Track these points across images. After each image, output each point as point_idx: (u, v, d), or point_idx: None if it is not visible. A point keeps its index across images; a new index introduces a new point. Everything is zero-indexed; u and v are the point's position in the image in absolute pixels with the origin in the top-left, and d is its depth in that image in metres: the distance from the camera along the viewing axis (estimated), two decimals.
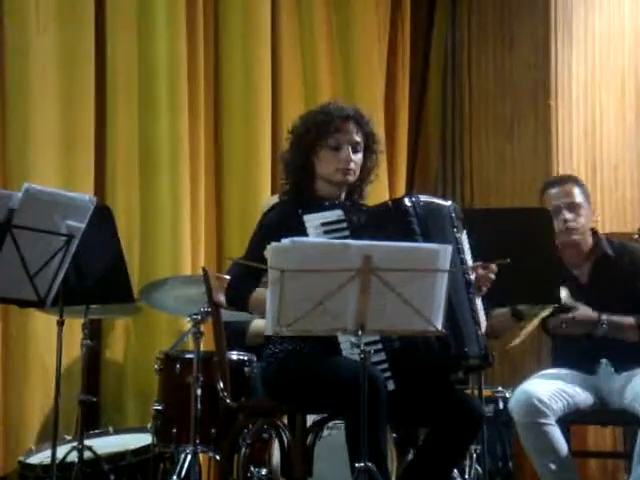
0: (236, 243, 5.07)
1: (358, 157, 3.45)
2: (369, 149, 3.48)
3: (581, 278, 4.20)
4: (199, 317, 4.15)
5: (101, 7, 4.98)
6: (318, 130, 3.42)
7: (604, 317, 4.04)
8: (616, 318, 4.06)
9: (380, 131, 3.64)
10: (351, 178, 3.44)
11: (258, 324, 4.43)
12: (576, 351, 4.14)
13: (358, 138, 3.44)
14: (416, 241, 3.25)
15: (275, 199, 4.37)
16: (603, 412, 4.15)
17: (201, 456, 4.29)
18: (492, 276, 3.37)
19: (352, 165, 3.42)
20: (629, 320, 4.09)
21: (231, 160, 5.36)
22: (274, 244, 2.98)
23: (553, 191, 4.22)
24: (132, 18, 5.05)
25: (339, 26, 5.83)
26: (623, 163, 5.45)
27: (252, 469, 4.12)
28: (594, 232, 4.27)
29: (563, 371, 4.13)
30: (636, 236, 4.60)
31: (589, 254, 4.22)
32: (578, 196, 4.19)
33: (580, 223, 4.16)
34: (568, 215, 4.16)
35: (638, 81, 5.78)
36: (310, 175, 3.46)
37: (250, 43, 5.38)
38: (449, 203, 3.47)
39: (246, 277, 3.33)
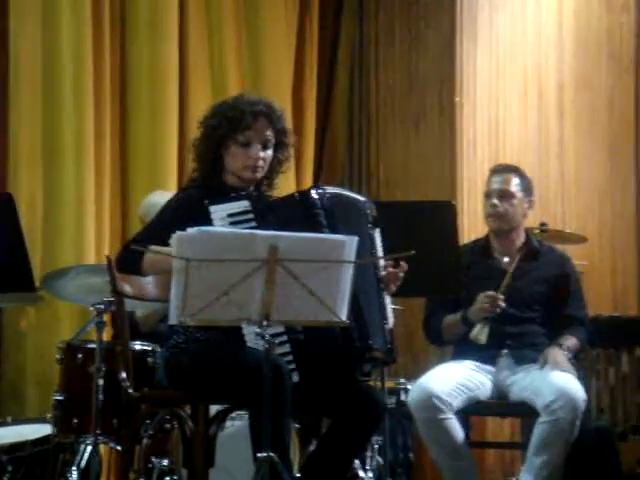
0: None
1: (268, 153, 3.45)
2: (280, 144, 3.49)
3: (507, 268, 4.27)
4: (102, 307, 4.11)
5: None
6: (229, 125, 3.41)
7: (568, 352, 4.15)
8: (572, 345, 4.18)
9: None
10: (259, 175, 3.45)
11: (140, 311, 4.45)
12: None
13: (269, 134, 3.44)
14: (322, 233, 3.27)
15: (161, 195, 4.39)
16: (502, 404, 4.23)
17: (102, 447, 4.27)
18: (401, 274, 3.41)
19: (260, 162, 3.43)
20: (576, 343, 4.21)
21: (137, 152, 5.32)
22: (179, 233, 2.97)
23: (492, 178, 4.34)
24: (37, 6, 4.97)
25: (247, 23, 5.82)
26: (525, 162, 5.53)
27: (153, 460, 4.11)
28: (526, 230, 4.38)
29: (464, 362, 4.20)
30: (537, 231, 4.72)
31: (520, 247, 4.31)
32: (513, 186, 4.29)
33: (505, 210, 4.26)
34: (495, 201, 4.26)
35: (540, 81, 5.89)
36: (219, 167, 3.45)
37: (157, 36, 5.34)
38: (364, 199, 3.50)
39: (139, 242, 3.30)
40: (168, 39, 5.38)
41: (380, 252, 3.43)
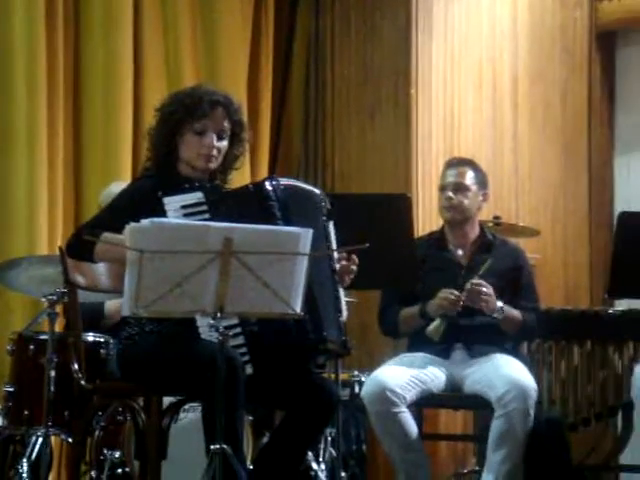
0: None
1: (223, 144, 3.43)
2: (236, 137, 3.47)
3: (462, 260, 4.30)
4: (55, 297, 4.08)
5: None
6: (185, 113, 3.39)
7: (503, 305, 4.15)
8: (510, 309, 4.18)
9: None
10: (212, 165, 3.43)
11: (112, 305, 4.41)
12: None
13: (225, 125, 3.43)
14: (277, 225, 3.26)
15: (118, 186, 4.35)
16: (455, 396, 4.25)
17: (53, 439, 4.23)
18: (354, 267, 3.41)
19: (215, 152, 3.41)
20: (517, 314, 4.21)
21: (91, 150, 5.26)
22: (132, 224, 2.96)
23: (447, 171, 4.35)
24: None
25: (203, 15, 5.77)
26: (479, 154, 5.56)
27: (105, 452, 4.09)
28: (480, 223, 4.40)
29: (418, 355, 4.21)
30: (491, 224, 4.75)
31: (475, 240, 4.34)
32: (468, 179, 4.31)
33: (460, 202, 4.27)
34: (450, 194, 4.28)
35: (495, 73, 5.91)
36: (173, 156, 3.43)
37: (111, 33, 5.28)
38: (319, 191, 3.50)
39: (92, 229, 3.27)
40: (123, 36, 5.32)
41: (335, 245, 3.43)
